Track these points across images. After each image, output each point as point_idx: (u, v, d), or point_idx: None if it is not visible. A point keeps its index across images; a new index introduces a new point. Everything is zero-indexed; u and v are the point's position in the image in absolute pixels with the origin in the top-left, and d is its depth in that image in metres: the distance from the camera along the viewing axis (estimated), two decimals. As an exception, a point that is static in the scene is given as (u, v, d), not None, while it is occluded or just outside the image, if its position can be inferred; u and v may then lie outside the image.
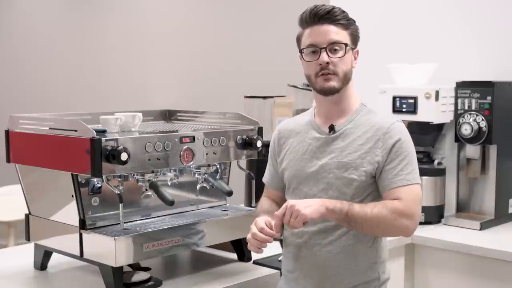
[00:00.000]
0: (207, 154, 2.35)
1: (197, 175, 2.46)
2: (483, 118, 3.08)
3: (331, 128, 2.04)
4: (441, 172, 3.25)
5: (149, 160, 2.17)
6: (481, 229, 3.07)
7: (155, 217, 2.43)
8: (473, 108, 3.12)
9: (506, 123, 3.15)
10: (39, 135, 2.29)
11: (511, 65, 3.28)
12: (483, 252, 2.83)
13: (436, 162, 3.27)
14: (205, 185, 2.47)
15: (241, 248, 2.54)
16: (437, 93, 3.12)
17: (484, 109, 3.08)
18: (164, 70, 5.51)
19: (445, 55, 3.45)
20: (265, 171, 2.24)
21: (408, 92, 3.20)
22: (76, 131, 2.12)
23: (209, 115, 2.76)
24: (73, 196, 2.21)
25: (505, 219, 3.21)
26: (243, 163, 2.69)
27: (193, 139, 2.30)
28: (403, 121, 2.07)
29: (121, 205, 2.16)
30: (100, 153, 2.05)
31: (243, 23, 4.88)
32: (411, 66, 3.30)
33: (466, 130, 3.11)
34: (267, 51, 4.63)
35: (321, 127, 2.07)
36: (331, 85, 1.98)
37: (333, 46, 1.97)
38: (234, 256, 2.58)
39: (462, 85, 3.17)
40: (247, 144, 2.47)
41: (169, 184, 2.41)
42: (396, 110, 3.21)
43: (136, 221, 2.37)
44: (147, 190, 2.26)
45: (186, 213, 2.51)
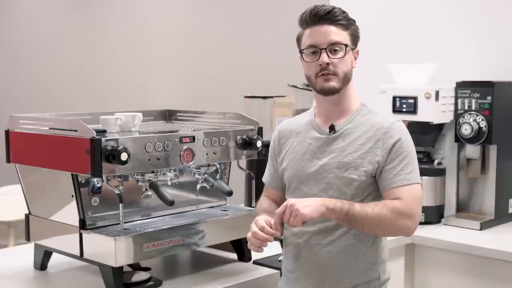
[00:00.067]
0: (207, 154, 2.35)
1: (197, 175, 2.46)
2: (483, 118, 3.08)
3: (331, 128, 2.04)
4: (441, 172, 3.25)
5: (149, 160, 2.17)
6: (481, 229, 3.07)
7: (155, 217, 2.43)
8: (473, 108, 3.12)
9: (506, 123, 3.15)
10: (39, 135, 2.29)
11: (511, 65, 3.28)
12: (483, 252, 2.83)
13: (436, 162, 3.27)
14: (205, 185, 2.47)
15: (241, 248, 2.54)
16: (437, 93, 3.12)
17: (484, 109, 3.08)
18: (164, 70, 5.50)
19: (445, 55, 3.45)
20: (265, 171, 2.24)
21: (408, 92, 3.20)
22: (76, 131, 2.12)
23: (209, 115, 2.76)
24: (73, 196, 2.21)
25: (505, 219, 3.21)
26: (243, 163, 2.69)
27: (193, 139, 2.30)
28: (403, 121, 2.07)
29: (121, 205, 2.16)
30: (100, 153, 2.05)
31: (243, 23, 4.88)
32: (411, 66, 3.30)
33: (466, 130, 3.10)
34: (267, 51, 4.63)
35: (321, 127, 2.07)
36: (331, 86, 1.98)
37: (333, 46, 1.97)
38: (234, 256, 2.58)
39: (462, 85, 3.17)
40: (247, 144, 2.47)
41: (169, 184, 2.41)
42: (396, 110, 3.21)
43: (136, 221, 2.37)
44: (147, 190, 2.26)
45: (186, 213, 2.51)
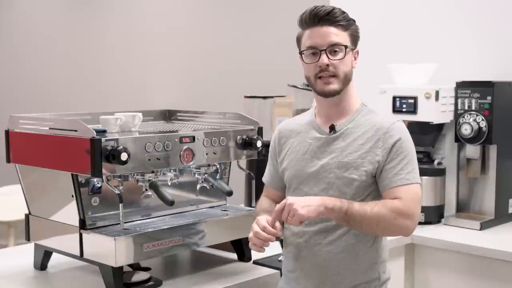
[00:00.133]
0: (207, 154, 2.35)
1: (197, 175, 2.46)
2: (483, 118, 3.08)
3: (332, 128, 2.04)
4: (441, 172, 3.25)
5: (149, 160, 2.17)
6: (481, 229, 3.07)
7: (155, 217, 2.43)
8: (473, 108, 3.12)
9: (506, 123, 3.15)
10: (39, 135, 2.29)
11: (511, 65, 3.28)
12: (483, 252, 2.83)
13: (436, 162, 3.27)
14: (205, 185, 2.47)
15: (241, 248, 2.54)
16: (437, 93, 3.12)
17: (484, 109, 3.08)
18: (164, 70, 5.50)
19: (445, 55, 3.45)
20: (265, 171, 2.24)
21: (408, 92, 3.20)
22: (76, 131, 2.12)
23: (209, 115, 2.76)
24: (73, 196, 2.21)
25: (505, 219, 3.21)
26: (243, 163, 2.69)
27: (193, 139, 2.30)
28: (403, 121, 2.07)
29: (121, 205, 2.16)
30: (100, 153, 2.04)
31: (243, 23, 4.88)
32: (411, 66, 3.30)
33: (466, 130, 3.10)
34: (267, 51, 4.63)
35: (322, 127, 2.06)
36: (331, 89, 1.98)
37: (333, 48, 1.97)
38: (234, 256, 2.58)
39: (462, 85, 3.17)
40: (247, 144, 2.47)
41: (169, 184, 2.41)
42: (396, 110, 3.21)
43: (136, 221, 2.37)
44: (147, 190, 2.26)
45: (186, 213, 2.51)
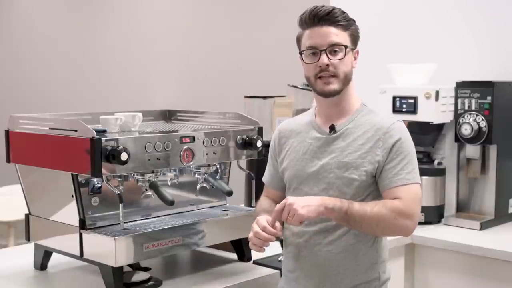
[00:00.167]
0: (207, 154, 2.35)
1: (197, 175, 2.46)
2: (483, 118, 3.08)
3: (332, 128, 2.04)
4: (441, 172, 3.25)
5: (149, 160, 2.17)
6: (481, 229, 3.07)
7: (155, 217, 2.43)
8: (473, 108, 3.12)
9: (506, 123, 3.15)
10: (39, 135, 2.29)
11: (511, 65, 3.28)
12: (483, 252, 2.83)
13: (436, 162, 3.27)
14: (205, 185, 2.47)
15: (241, 248, 2.54)
16: (437, 93, 3.12)
17: (484, 109, 3.08)
18: (164, 70, 5.50)
19: (445, 55, 3.45)
20: (265, 171, 2.24)
21: (408, 92, 3.20)
22: (76, 131, 2.12)
23: (209, 115, 2.76)
24: (73, 196, 2.21)
25: (505, 219, 3.21)
26: (243, 163, 2.69)
27: (193, 139, 2.30)
28: (403, 121, 2.07)
29: (121, 205, 2.16)
30: (100, 153, 2.04)
31: (243, 23, 4.88)
32: (411, 66, 3.30)
33: (466, 130, 3.10)
34: (267, 51, 4.63)
35: (322, 127, 2.06)
36: (331, 89, 1.98)
37: (333, 48, 1.97)
38: (234, 256, 2.58)
39: (462, 85, 3.17)
40: (247, 144, 2.47)
41: (169, 184, 2.41)
42: (396, 110, 3.21)
43: (136, 221, 2.37)
44: (147, 190, 2.26)
45: (186, 213, 2.51)
